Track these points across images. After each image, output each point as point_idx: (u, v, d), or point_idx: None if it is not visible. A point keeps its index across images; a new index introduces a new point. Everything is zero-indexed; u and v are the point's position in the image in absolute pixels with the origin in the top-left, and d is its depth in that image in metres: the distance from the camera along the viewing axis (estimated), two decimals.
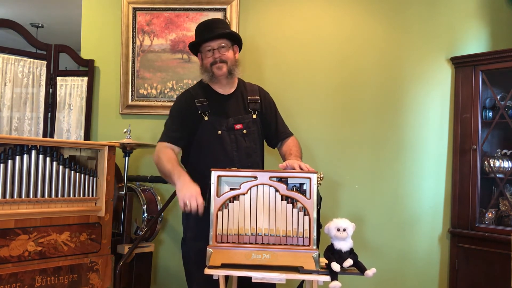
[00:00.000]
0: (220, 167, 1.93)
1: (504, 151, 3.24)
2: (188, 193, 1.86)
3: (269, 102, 2.33)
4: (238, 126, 2.18)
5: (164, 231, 3.29)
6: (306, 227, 1.70)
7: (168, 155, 2.09)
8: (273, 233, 1.72)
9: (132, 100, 3.32)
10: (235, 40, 2.25)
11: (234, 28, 3.17)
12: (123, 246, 2.72)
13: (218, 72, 2.16)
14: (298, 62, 3.27)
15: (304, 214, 1.71)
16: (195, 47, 2.26)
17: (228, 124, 2.16)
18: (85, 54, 3.40)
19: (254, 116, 2.23)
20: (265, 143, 2.36)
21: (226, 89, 2.24)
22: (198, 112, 2.16)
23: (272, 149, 2.40)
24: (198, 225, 2.01)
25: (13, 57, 3.22)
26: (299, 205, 1.72)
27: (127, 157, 2.89)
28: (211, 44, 2.16)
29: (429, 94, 3.26)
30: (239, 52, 2.28)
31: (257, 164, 2.20)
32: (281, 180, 1.77)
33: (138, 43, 3.31)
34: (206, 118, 2.16)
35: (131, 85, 3.31)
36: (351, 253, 1.72)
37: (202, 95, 2.20)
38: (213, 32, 2.17)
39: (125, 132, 2.90)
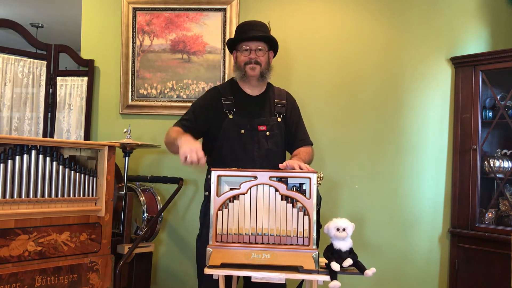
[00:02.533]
0: (241, 166, 1.96)
1: (504, 151, 3.24)
2: (188, 148, 1.92)
3: (294, 108, 2.37)
4: (262, 128, 2.21)
5: (164, 231, 3.29)
6: (306, 227, 1.70)
7: (175, 130, 2.18)
8: (273, 233, 1.72)
9: (132, 100, 3.32)
10: (272, 46, 2.30)
11: (233, 28, 3.17)
12: (123, 246, 2.72)
13: (251, 72, 2.21)
14: (298, 62, 3.27)
15: (304, 214, 1.71)
16: (233, 45, 2.30)
17: (252, 125, 2.19)
18: (85, 54, 3.40)
19: (279, 120, 2.26)
20: None
21: (254, 90, 2.28)
22: (223, 110, 2.19)
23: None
24: None
25: (13, 57, 3.22)
26: (299, 205, 1.72)
27: (127, 157, 2.89)
28: (250, 44, 2.21)
29: (429, 94, 3.26)
30: (273, 57, 2.35)
31: (277, 167, 2.21)
32: (281, 180, 1.77)
33: (138, 43, 3.31)
34: (230, 117, 2.19)
35: (131, 85, 3.31)
36: (350, 253, 1.72)
37: (230, 94, 2.25)
38: (253, 33, 2.22)
39: (125, 132, 2.90)
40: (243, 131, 2.17)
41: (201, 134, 2.27)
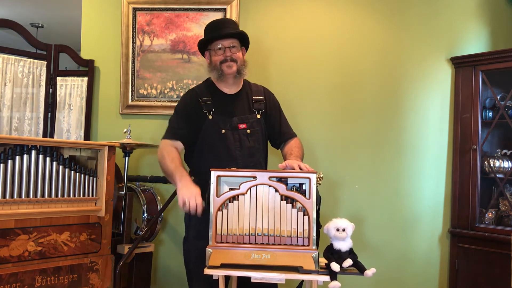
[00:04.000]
0: (223, 166, 1.94)
1: (504, 151, 3.24)
2: (187, 193, 1.89)
3: (273, 102, 2.35)
4: (242, 126, 2.19)
5: (164, 231, 3.29)
6: (306, 227, 1.70)
7: (172, 155, 2.12)
8: (272, 233, 1.72)
9: (132, 100, 3.32)
10: (244, 42, 2.27)
11: None
12: (123, 246, 2.72)
13: (227, 70, 2.18)
14: (298, 62, 3.27)
15: (304, 214, 1.71)
16: (203, 46, 2.27)
17: (232, 124, 2.18)
18: (85, 54, 3.40)
19: (258, 116, 2.24)
20: (269, 144, 2.36)
21: (231, 88, 2.26)
22: (202, 110, 2.18)
23: (275, 150, 2.41)
24: (200, 224, 2.01)
25: (13, 57, 3.22)
26: (298, 205, 1.72)
27: (127, 157, 2.90)
28: (223, 42, 2.18)
29: (429, 94, 3.26)
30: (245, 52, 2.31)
31: (260, 164, 2.21)
32: (281, 180, 1.77)
33: (138, 43, 3.31)
34: (210, 117, 2.17)
35: (131, 85, 3.31)
36: (350, 253, 1.72)
37: (207, 94, 2.22)
38: (225, 31, 2.19)
39: (125, 132, 2.90)
40: (223, 130, 2.16)
41: (192, 138, 2.21)
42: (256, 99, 2.27)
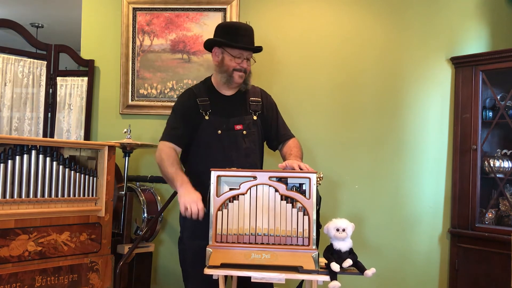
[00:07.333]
0: (219, 166, 1.93)
1: (504, 151, 3.24)
2: (189, 198, 1.91)
3: (270, 104, 2.35)
4: (238, 127, 2.19)
5: (164, 231, 3.29)
6: (306, 227, 1.70)
7: (171, 158, 2.12)
8: (272, 233, 1.72)
9: (132, 100, 3.32)
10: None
11: None
12: (123, 246, 2.72)
13: (238, 80, 2.19)
14: (298, 62, 3.27)
15: (304, 214, 1.71)
16: (216, 43, 2.22)
17: (228, 124, 2.18)
18: (85, 54, 3.40)
19: (255, 118, 2.25)
20: (265, 145, 2.36)
21: (229, 90, 2.26)
22: (199, 110, 2.18)
23: (272, 151, 2.40)
24: (194, 224, 2.01)
25: (13, 57, 3.22)
26: (298, 205, 1.72)
27: (127, 157, 2.90)
28: (244, 53, 2.19)
29: (429, 94, 3.26)
30: None
31: (255, 165, 2.21)
32: (281, 180, 1.77)
33: (138, 43, 3.31)
34: (206, 117, 2.17)
35: (131, 85, 3.31)
36: (350, 253, 1.72)
37: (205, 94, 2.23)
38: (251, 41, 2.21)
39: (125, 132, 2.90)
40: (220, 131, 2.16)
41: (189, 139, 2.21)
42: (253, 101, 2.28)
